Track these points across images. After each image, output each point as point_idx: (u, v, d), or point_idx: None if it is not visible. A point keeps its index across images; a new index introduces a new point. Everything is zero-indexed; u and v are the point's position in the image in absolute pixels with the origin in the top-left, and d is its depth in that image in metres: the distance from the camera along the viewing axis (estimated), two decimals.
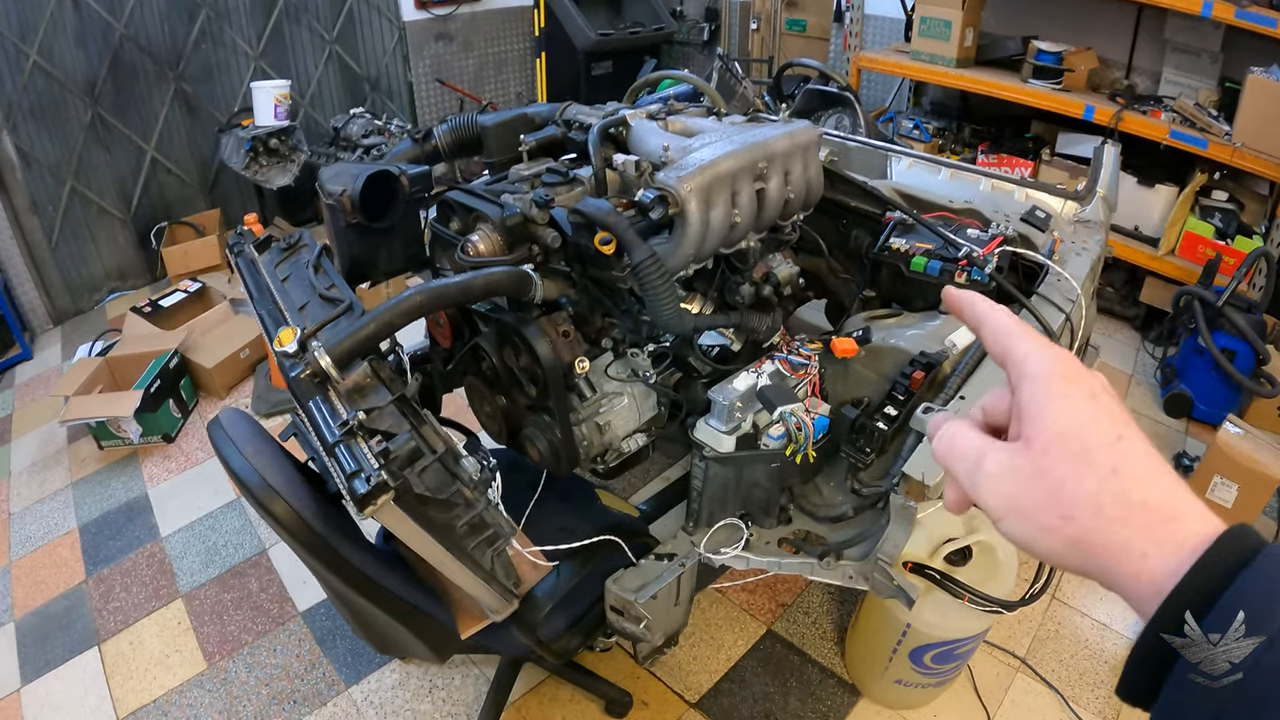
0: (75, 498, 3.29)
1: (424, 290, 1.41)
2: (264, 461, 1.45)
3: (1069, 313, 1.94)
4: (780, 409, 1.49)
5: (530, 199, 1.57)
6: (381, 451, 1.24)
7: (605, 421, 1.71)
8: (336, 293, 1.60)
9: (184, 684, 2.58)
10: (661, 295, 1.44)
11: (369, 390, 1.41)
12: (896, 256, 1.98)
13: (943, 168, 2.36)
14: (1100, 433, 0.45)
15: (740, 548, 1.71)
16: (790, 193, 1.71)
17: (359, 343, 1.35)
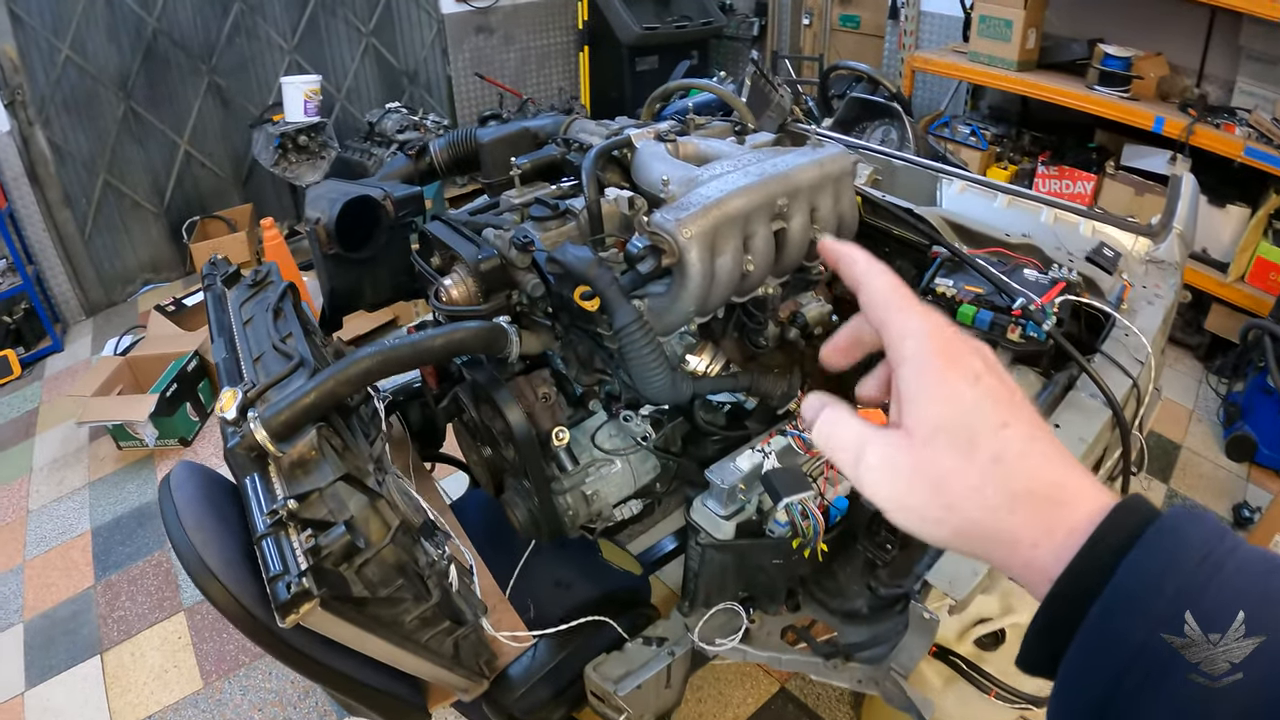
0: (91, 498, 3.21)
1: (372, 354, 1.18)
2: (206, 535, 1.25)
3: (1136, 377, 1.62)
4: (786, 500, 1.22)
5: (509, 239, 1.32)
6: (311, 549, 1.03)
7: (593, 491, 1.46)
8: (291, 344, 1.38)
9: (179, 702, 2.48)
10: (649, 365, 1.18)
11: (313, 466, 1.20)
12: (941, 302, 1.68)
13: (999, 194, 2.03)
14: (983, 420, 0.43)
15: (738, 639, 1.46)
16: (817, 232, 1.42)
17: (298, 414, 1.14)
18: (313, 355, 1.49)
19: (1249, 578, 0.37)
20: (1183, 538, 0.38)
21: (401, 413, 1.93)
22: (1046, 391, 1.56)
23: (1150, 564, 0.38)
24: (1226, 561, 0.37)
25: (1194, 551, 0.38)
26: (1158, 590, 0.37)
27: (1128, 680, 0.37)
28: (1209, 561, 0.37)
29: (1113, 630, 0.38)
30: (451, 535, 1.59)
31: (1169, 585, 0.37)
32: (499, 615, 1.59)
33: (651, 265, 1.17)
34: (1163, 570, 0.37)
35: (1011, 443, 0.42)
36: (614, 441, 1.49)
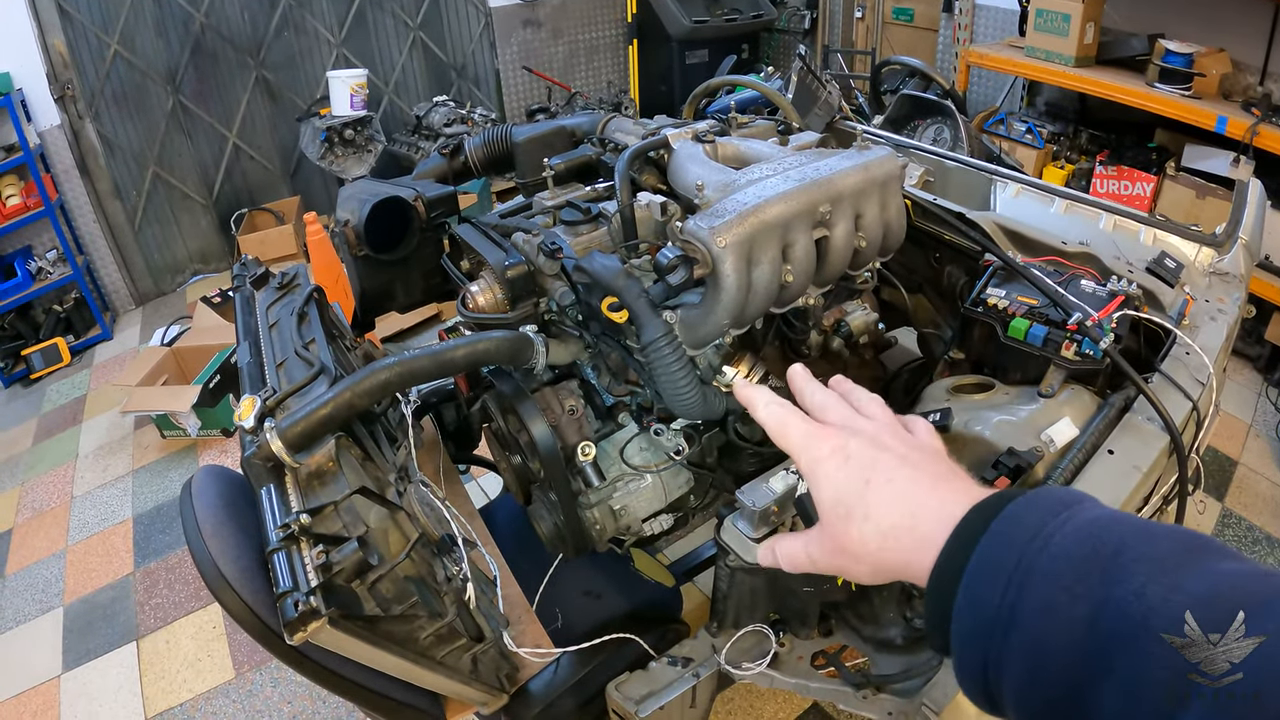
0: (134, 486, 3.26)
1: (391, 365, 1.14)
2: (223, 542, 1.23)
3: (1197, 399, 1.50)
4: None
5: (538, 244, 1.27)
6: (322, 565, 0.99)
7: (621, 506, 1.40)
8: (313, 351, 1.34)
9: (211, 691, 2.50)
10: (677, 382, 1.12)
11: (330, 477, 1.16)
12: (992, 315, 1.58)
13: (1056, 199, 1.91)
14: (852, 490, 0.56)
15: (766, 663, 1.39)
16: (862, 240, 1.34)
17: (314, 425, 1.11)
18: (336, 362, 1.46)
19: (1072, 542, 0.45)
20: (1020, 519, 0.47)
21: (436, 414, 1.89)
22: (1101, 414, 1.46)
23: (996, 547, 0.47)
24: (1056, 532, 0.45)
25: (1029, 528, 0.46)
26: (1003, 562, 0.45)
27: (993, 639, 0.45)
28: (1044, 532, 0.45)
29: (976, 602, 0.46)
30: (477, 544, 1.55)
31: (1011, 557, 0.45)
32: (523, 627, 1.55)
33: (683, 276, 1.11)
34: (1005, 549, 0.46)
35: (871, 495, 0.55)
36: (644, 456, 1.42)
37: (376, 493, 1.18)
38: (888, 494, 0.54)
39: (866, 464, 0.56)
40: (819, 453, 0.58)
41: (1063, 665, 0.43)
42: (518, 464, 1.54)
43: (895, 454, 0.57)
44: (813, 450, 0.59)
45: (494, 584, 1.50)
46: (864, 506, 0.54)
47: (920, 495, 0.53)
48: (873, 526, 0.54)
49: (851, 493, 0.55)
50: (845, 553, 0.56)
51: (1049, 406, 1.47)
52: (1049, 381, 1.49)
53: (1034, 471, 1.38)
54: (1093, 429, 1.43)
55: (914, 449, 0.58)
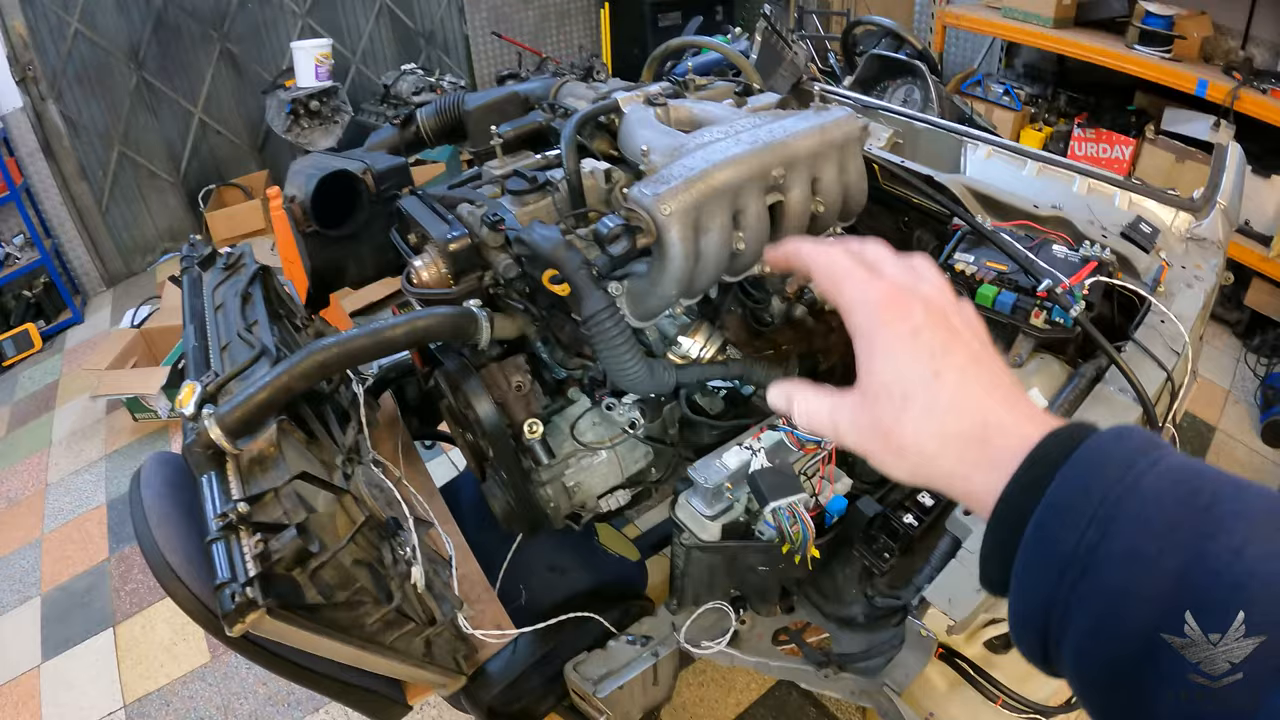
0: (108, 471, 3.20)
1: (329, 345, 1.08)
2: (169, 531, 1.19)
3: (1171, 369, 1.46)
4: (773, 504, 1.11)
5: (480, 216, 1.20)
6: (260, 554, 0.95)
7: (575, 483, 1.36)
8: (256, 333, 1.29)
9: (187, 675, 2.48)
10: (621, 357, 1.06)
11: (271, 463, 1.12)
12: (960, 281, 1.52)
13: (1029, 161, 1.85)
14: (918, 374, 0.48)
15: (725, 641, 1.35)
16: (820, 204, 1.28)
17: (251, 410, 1.06)
18: (282, 343, 1.40)
19: (1164, 486, 0.40)
20: (1106, 454, 0.42)
21: (397, 389, 1.84)
22: (1071, 384, 1.41)
23: (1076, 480, 0.41)
24: (1146, 473, 0.40)
25: (1116, 466, 0.41)
26: (1085, 499, 0.40)
27: (1064, 581, 0.40)
28: (1132, 472, 0.41)
29: (1047, 539, 0.41)
30: (433, 523, 1.50)
31: (1094, 494, 0.40)
32: (482, 606, 1.51)
33: (625, 247, 1.05)
34: (1087, 485, 0.41)
35: (941, 391, 0.47)
36: (596, 431, 1.37)
37: (319, 477, 1.14)
38: (961, 395, 0.47)
39: (939, 348, 0.48)
40: (880, 313, 0.49)
41: (1141, 621, 0.38)
42: (471, 441, 1.49)
43: (969, 347, 0.49)
44: (874, 308, 0.49)
45: (449, 564, 1.45)
46: (929, 398, 0.47)
47: (994, 406, 0.46)
48: (935, 425, 0.47)
49: (916, 377, 0.47)
50: (889, 440, 0.48)
51: (1022, 377, 1.42)
52: (1017, 350, 1.44)
53: None
54: (1062, 400, 1.38)
55: (983, 345, 0.50)
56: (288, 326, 1.48)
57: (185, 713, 2.37)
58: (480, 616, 1.49)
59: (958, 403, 0.47)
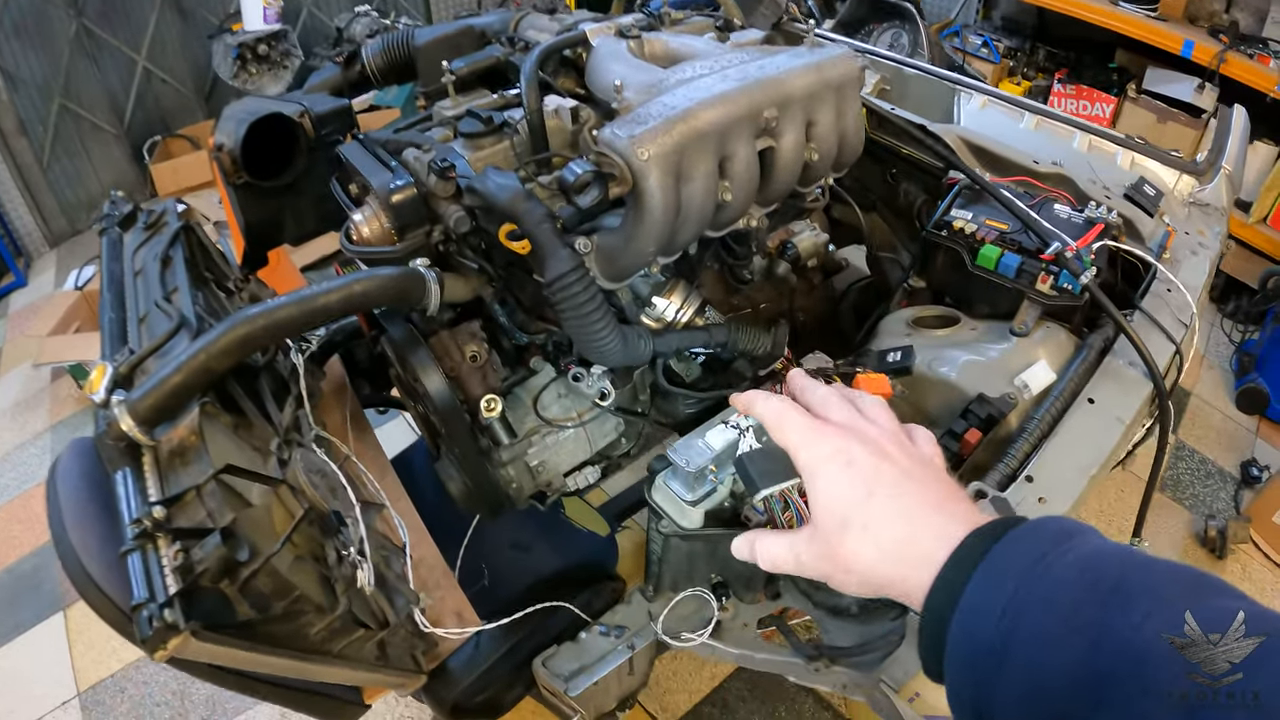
0: (53, 443, 2.96)
1: (253, 317, 0.90)
2: (87, 533, 1.01)
3: (1180, 342, 1.33)
4: (764, 492, 0.95)
5: (428, 163, 1.01)
6: (181, 567, 0.79)
7: (538, 462, 1.19)
8: (176, 302, 1.09)
9: (141, 659, 2.31)
10: (591, 326, 0.89)
11: (193, 454, 0.94)
12: (959, 240, 1.37)
13: (1026, 113, 1.69)
14: (853, 498, 0.53)
15: (708, 633, 1.21)
16: (813, 152, 1.11)
17: (166, 396, 0.89)
18: (208, 310, 1.20)
19: (1071, 574, 0.43)
20: (1020, 548, 0.45)
21: (346, 352, 1.64)
22: (1080, 357, 1.27)
23: (993, 575, 0.45)
24: (1056, 563, 0.44)
25: (1028, 558, 0.44)
26: (999, 592, 0.43)
27: (986, 668, 0.43)
28: (1043, 563, 0.44)
29: (969, 631, 0.44)
30: (385, 504, 1.33)
31: (1008, 586, 0.43)
32: (441, 594, 1.34)
33: (595, 197, 0.86)
34: (1003, 578, 0.44)
35: (873, 508, 0.52)
36: (563, 404, 1.20)
37: (247, 469, 0.96)
38: (891, 509, 0.51)
39: (870, 473, 0.53)
40: (821, 451, 0.55)
41: (1057, 697, 0.40)
42: (423, 414, 1.31)
43: (900, 466, 0.53)
44: (814, 448, 0.55)
45: (403, 551, 1.28)
46: (864, 517, 0.52)
47: (923, 513, 0.51)
48: (871, 539, 0.51)
49: (852, 501, 0.52)
50: (837, 561, 0.53)
51: (1022, 346, 1.28)
52: (1022, 318, 1.30)
53: (1006, 421, 1.20)
54: (1071, 374, 1.25)
55: (918, 463, 0.55)
56: (214, 292, 1.27)
57: (140, 699, 2.20)
58: (439, 606, 1.32)
59: (888, 515, 0.51)
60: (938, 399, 1.24)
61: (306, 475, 1.08)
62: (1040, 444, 1.18)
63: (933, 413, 1.26)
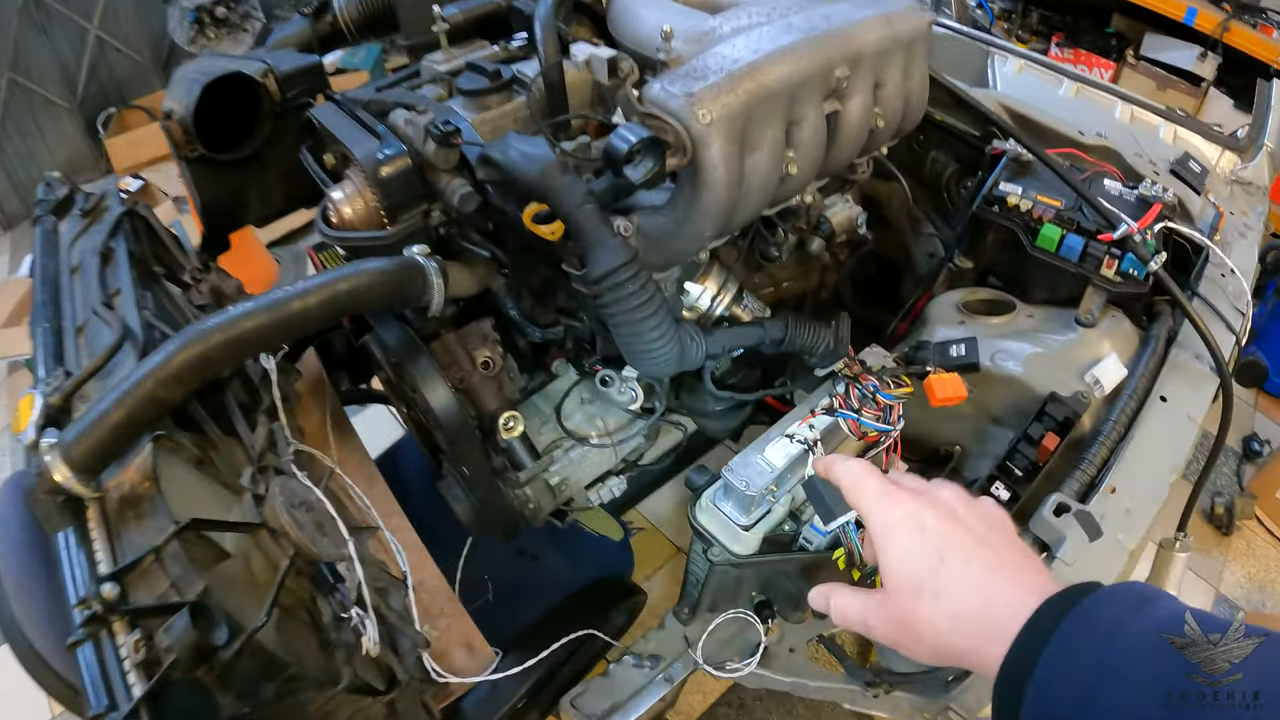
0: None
1: (210, 331, 0.68)
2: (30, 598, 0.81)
3: (1240, 332, 1.18)
4: (842, 519, 0.77)
5: (424, 126, 0.78)
6: (145, 661, 0.62)
7: (561, 480, 0.99)
8: (118, 308, 0.86)
9: None
10: (647, 333, 0.69)
11: (148, 504, 0.73)
12: (1014, 217, 1.19)
13: (1065, 80, 1.50)
14: (926, 565, 0.50)
15: (755, 663, 1.04)
16: (880, 118, 0.91)
17: (107, 440, 0.69)
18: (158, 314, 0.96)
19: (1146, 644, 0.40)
20: (1094, 617, 0.42)
21: (324, 341, 1.40)
22: (1149, 350, 1.11)
23: (1067, 644, 0.42)
24: (1131, 632, 0.41)
25: (1104, 625, 0.42)
26: (1074, 662, 0.41)
27: None
28: (1119, 632, 0.41)
29: (1043, 701, 0.42)
30: (379, 525, 1.12)
31: (1082, 657, 0.41)
32: (447, 621, 1.15)
33: (650, 169, 0.65)
34: (1076, 648, 0.42)
35: (946, 576, 0.49)
36: (586, 411, 1.00)
37: (215, 520, 0.75)
38: (964, 577, 0.49)
39: (943, 539, 0.51)
40: (893, 515, 0.53)
41: None
42: (418, 421, 1.09)
43: (973, 534, 0.51)
44: (887, 511, 0.53)
45: (404, 582, 1.08)
46: (936, 584, 0.49)
47: (996, 583, 0.48)
48: (944, 608, 0.48)
49: (924, 567, 0.50)
50: (908, 628, 0.50)
51: (1088, 338, 1.11)
52: (1088, 306, 1.12)
53: (1080, 423, 1.04)
54: (1143, 369, 1.08)
55: (991, 529, 0.52)
56: (165, 290, 1.03)
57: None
58: (446, 636, 1.13)
59: (962, 584, 0.49)
60: (1002, 396, 1.07)
61: (289, 512, 0.86)
62: (1117, 448, 1.02)
63: (997, 411, 1.09)
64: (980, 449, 1.11)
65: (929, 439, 1.13)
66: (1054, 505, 0.94)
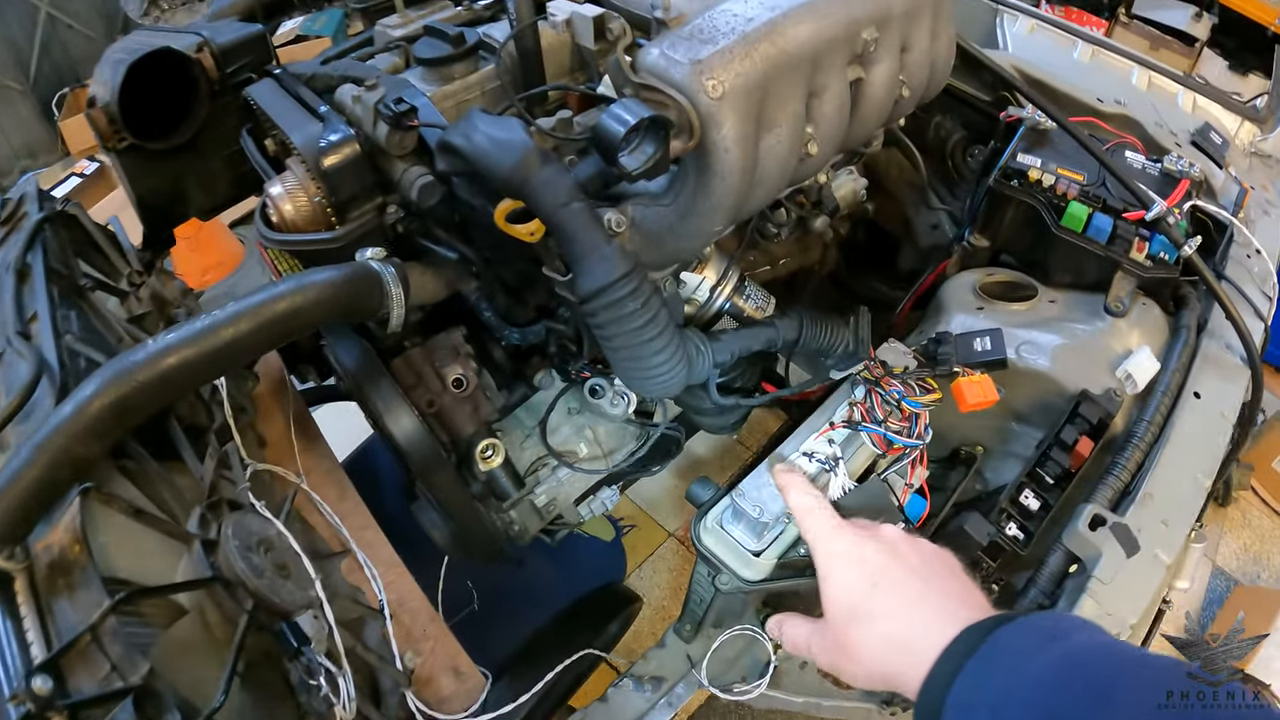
0: None
1: (127, 372, 0.55)
2: None
3: (1269, 315, 1.07)
4: None
5: (374, 105, 0.62)
6: None
7: (548, 501, 0.86)
8: (35, 336, 0.72)
9: None
10: (647, 354, 0.56)
11: (80, 572, 0.63)
12: (1036, 193, 1.05)
13: (1079, 41, 1.35)
14: (860, 591, 0.53)
15: (765, 684, 0.93)
16: (905, 86, 0.76)
17: (22, 505, 0.57)
18: (84, 337, 0.80)
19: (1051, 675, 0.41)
20: (1005, 648, 0.44)
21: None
22: (1181, 340, 1.00)
23: (977, 674, 0.43)
24: (1039, 663, 0.42)
25: (1012, 658, 0.43)
26: (982, 691, 0.42)
27: None
28: (1027, 663, 0.42)
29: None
30: (351, 547, 0.99)
31: (991, 686, 0.42)
32: (432, 644, 1.02)
33: (649, 156, 0.51)
34: (985, 678, 0.43)
35: (877, 600, 0.52)
36: (575, 423, 0.87)
37: (157, 585, 0.62)
38: (894, 602, 0.51)
39: (879, 569, 0.53)
40: (836, 547, 0.56)
41: None
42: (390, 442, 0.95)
43: (908, 565, 0.53)
44: (832, 543, 0.57)
45: (381, 611, 0.95)
46: (869, 608, 0.51)
47: (924, 610, 0.49)
48: (875, 630, 0.50)
49: (859, 594, 0.52)
50: (843, 651, 0.52)
51: (1119, 328, 0.98)
52: (1118, 293, 1.00)
53: (1113, 425, 0.92)
54: (1175, 363, 0.97)
55: (927, 562, 0.54)
56: (91, 309, 0.87)
57: None
58: (430, 662, 1.00)
59: (892, 609, 0.51)
60: (1028, 393, 0.95)
61: (244, 558, 0.72)
62: (1150, 451, 0.90)
63: (1022, 408, 0.97)
64: (1003, 449, 1.00)
65: (947, 438, 1.01)
66: (1089, 518, 0.82)
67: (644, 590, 1.64)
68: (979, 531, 0.79)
